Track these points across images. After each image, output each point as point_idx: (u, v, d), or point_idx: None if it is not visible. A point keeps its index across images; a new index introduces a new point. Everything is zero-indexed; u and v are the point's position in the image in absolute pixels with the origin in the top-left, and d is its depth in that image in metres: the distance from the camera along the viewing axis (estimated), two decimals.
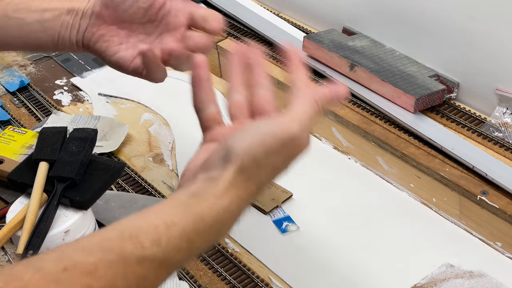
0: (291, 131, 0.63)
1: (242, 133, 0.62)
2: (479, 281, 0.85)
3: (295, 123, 0.64)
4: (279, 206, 0.98)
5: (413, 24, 1.11)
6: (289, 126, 0.63)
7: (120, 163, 0.99)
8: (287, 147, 0.64)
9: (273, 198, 0.98)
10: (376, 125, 1.03)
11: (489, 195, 0.89)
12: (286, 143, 0.63)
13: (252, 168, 0.62)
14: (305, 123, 0.64)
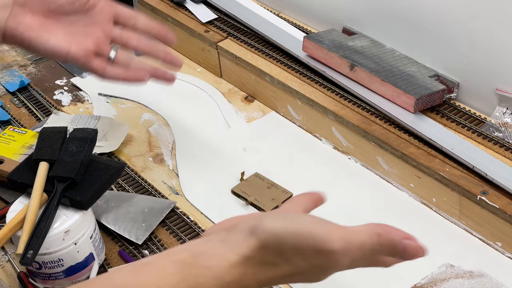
0: (331, 245, 0.55)
1: (281, 215, 0.58)
2: (479, 281, 0.85)
3: (341, 241, 0.56)
4: (279, 206, 0.98)
5: (413, 24, 1.11)
6: (333, 240, 0.56)
7: (120, 163, 0.99)
8: (318, 256, 0.56)
9: (273, 198, 0.98)
10: (376, 125, 1.03)
11: (489, 195, 0.89)
12: (320, 252, 0.56)
13: (273, 254, 0.55)
14: (351, 249, 0.57)
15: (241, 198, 0.99)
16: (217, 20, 1.31)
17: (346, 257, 0.56)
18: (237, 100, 1.21)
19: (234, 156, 1.09)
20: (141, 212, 0.96)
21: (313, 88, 1.12)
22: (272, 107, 1.19)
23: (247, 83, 1.22)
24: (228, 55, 1.23)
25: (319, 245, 0.55)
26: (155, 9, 1.37)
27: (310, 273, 0.57)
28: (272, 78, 1.15)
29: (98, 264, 0.88)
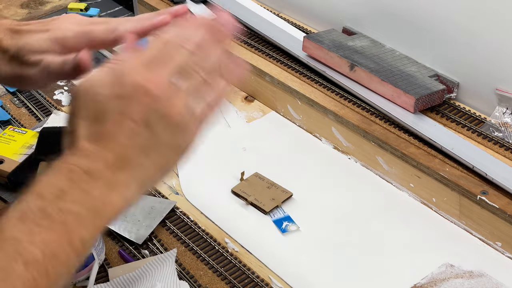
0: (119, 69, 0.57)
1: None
2: (479, 281, 0.85)
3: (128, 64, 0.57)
4: (279, 206, 0.98)
5: (413, 24, 1.11)
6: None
7: None
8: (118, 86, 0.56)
9: (273, 198, 0.98)
10: (376, 125, 1.03)
11: (489, 195, 0.89)
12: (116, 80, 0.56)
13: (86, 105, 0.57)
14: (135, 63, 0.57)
15: (241, 198, 0.99)
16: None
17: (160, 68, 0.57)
18: (237, 100, 1.21)
19: (234, 156, 1.09)
20: (141, 212, 0.96)
21: (313, 88, 1.12)
22: (272, 107, 1.19)
23: (247, 83, 1.22)
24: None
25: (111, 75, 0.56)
26: (155, 9, 1.37)
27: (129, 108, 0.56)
28: (272, 78, 1.15)
29: (98, 264, 0.88)
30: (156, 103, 0.55)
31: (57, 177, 0.55)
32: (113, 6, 1.51)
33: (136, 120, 0.55)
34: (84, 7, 1.45)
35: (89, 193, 0.54)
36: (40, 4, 1.52)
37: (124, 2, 1.51)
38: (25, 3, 1.52)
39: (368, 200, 1.00)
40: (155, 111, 0.55)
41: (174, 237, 0.93)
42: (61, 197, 0.53)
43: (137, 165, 0.56)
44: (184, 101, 0.57)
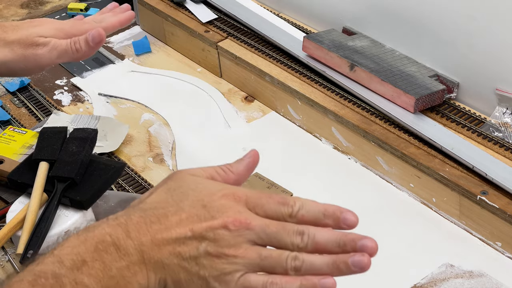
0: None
1: None
2: (479, 281, 0.85)
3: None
4: None
5: (413, 24, 1.11)
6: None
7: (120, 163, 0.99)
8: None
9: None
10: (376, 125, 1.03)
11: (489, 195, 0.89)
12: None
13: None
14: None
15: None
16: (217, 20, 1.31)
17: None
18: (237, 100, 1.21)
19: (234, 156, 1.08)
20: None
21: (313, 88, 1.12)
22: (272, 107, 1.19)
23: (247, 83, 1.22)
24: (228, 55, 1.23)
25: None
26: (155, 9, 1.37)
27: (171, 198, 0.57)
28: (272, 78, 1.15)
29: None
30: (222, 233, 0.55)
31: (86, 243, 0.53)
32: None
33: (194, 231, 0.55)
34: (84, 7, 1.45)
35: (108, 269, 0.53)
36: (40, 4, 1.52)
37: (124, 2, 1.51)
38: (25, 3, 1.52)
39: (368, 200, 1.00)
40: (214, 237, 0.55)
41: None
42: (80, 268, 0.52)
43: (165, 264, 0.55)
44: (248, 258, 0.55)
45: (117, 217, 0.56)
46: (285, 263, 0.55)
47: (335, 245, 0.57)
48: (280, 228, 0.56)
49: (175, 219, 0.55)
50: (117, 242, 0.54)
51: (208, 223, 0.55)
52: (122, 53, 1.36)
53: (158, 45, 1.38)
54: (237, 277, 0.55)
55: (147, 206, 0.57)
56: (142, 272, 0.54)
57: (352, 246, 0.57)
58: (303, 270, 0.56)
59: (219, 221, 0.55)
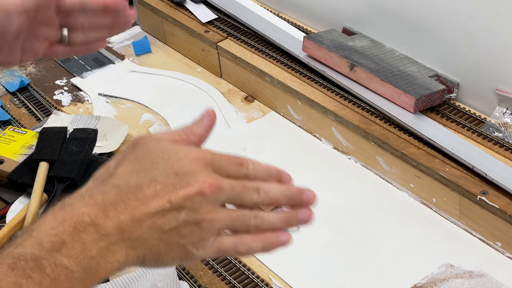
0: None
1: None
2: (479, 281, 0.85)
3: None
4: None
5: (413, 24, 1.11)
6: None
7: None
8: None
9: None
10: (376, 125, 1.03)
11: (489, 195, 0.89)
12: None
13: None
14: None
15: None
16: (217, 20, 1.31)
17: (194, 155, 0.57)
18: (237, 100, 1.21)
19: None
20: None
21: (313, 88, 1.12)
22: (272, 107, 1.19)
23: (247, 83, 1.22)
24: (228, 55, 1.23)
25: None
26: (155, 9, 1.37)
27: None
28: (272, 78, 1.15)
29: None
30: (199, 200, 0.56)
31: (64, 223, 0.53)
32: None
33: (172, 202, 0.55)
34: None
35: (88, 250, 0.52)
36: None
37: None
38: None
39: (368, 200, 1.00)
40: (192, 205, 0.56)
41: None
42: (59, 250, 0.52)
43: (145, 240, 0.55)
44: (223, 221, 0.57)
45: (92, 195, 0.56)
46: (249, 222, 0.58)
47: (285, 198, 0.61)
48: (242, 187, 0.59)
49: (151, 192, 0.55)
50: (96, 222, 0.53)
51: (185, 192, 0.55)
52: (122, 53, 1.36)
53: (158, 45, 1.38)
54: (212, 241, 0.57)
55: (119, 181, 0.56)
56: (122, 251, 0.54)
57: (298, 198, 0.62)
58: (263, 228, 0.60)
59: (195, 188, 0.56)
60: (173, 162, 0.57)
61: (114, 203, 0.55)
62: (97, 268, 0.53)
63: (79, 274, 0.52)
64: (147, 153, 0.58)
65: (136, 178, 0.56)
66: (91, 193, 0.56)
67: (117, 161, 0.59)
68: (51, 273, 0.51)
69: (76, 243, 0.52)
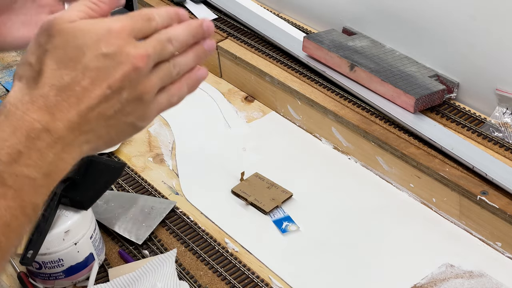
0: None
1: None
2: (479, 281, 0.85)
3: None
4: (279, 206, 0.98)
5: (413, 24, 1.11)
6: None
7: (120, 163, 0.99)
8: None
9: (273, 198, 0.98)
10: (376, 125, 1.03)
11: (489, 195, 0.89)
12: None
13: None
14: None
15: (241, 198, 0.99)
16: (217, 20, 1.31)
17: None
18: (237, 100, 1.21)
19: (234, 156, 1.09)
20: (141, 212, 0.96)
21: (313, 88, 1.12)
22: (272, 107, 1.19)
23: (247, 83, 1.22)
24: (228, 55, 1.23)
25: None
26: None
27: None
28: (272, 78, 1.15)
29: (98, 264, 0.88)
30: (136, 76, 0.55)
31: (16, 133, 0.53)
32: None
33: (112, 86, 0.55)
34: None
35: (45, 156, 0.53)
36: None
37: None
38: None
39: (368, 200, 1.00)
40: (131, 83, 0.55)
41: (174, 237, 0.93)
42: (17, 160, 0.52)
43: (95, 130, 0.55)
44: (157, 85, 0.58)
45: (33, 99, 0.55)
46: (172, 73, 0.59)
47: (191, 38, 0.61)
48: (160, 44, 0.58)
49: (87, 83, 0.54)
50: (47, 128, 0.53)
51: (121, 72, 0.55)
52: None
53: None
54: (153, 107, 0.58)
55: (53, 80, 0.55)
56: (76, 149, 0.55)
57: (200, 32, 0.62)
58: (182, 72, 0.61)
59: (129, 66, 0.55)
60: (98, 43, 0.55)
61: (58, 104, 0.54)
62: (56, 171, 0.54)
63: (41, 181, 0.53)
64: (67, 40, 0.55)
65: (67, 72, 0.55)
66: (30, 97, 0.55)
67: (38, 55, 0.56)
68: (13, 184, 0.51)
69: (32, 151, 0.53)
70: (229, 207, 0.99)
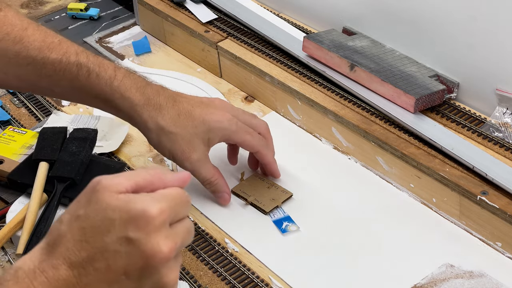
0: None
1: None
2: (479, 281, 0.85)
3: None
4: (279, 206, 0.98)
5: (413, 24, 1.11)
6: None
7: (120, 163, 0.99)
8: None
9: (273, 198, 0.98)
10: (376, 125, 1.03)
11: (489, 195, 0.89)
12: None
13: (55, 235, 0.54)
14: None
15: (241, 198, 0.99)
16: (217, 20, 1.31)
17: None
18: (237, 100, 1.21)
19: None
20: None
21: (313, 88, 1.12)
22: (272, 107, 1.19)
23: (247, 83, 1.22)
24: (228, 55, 1.23)
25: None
26: (155, 9, 1.37)
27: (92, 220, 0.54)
28: (272, 78, 1.15)
29: None
30: (158, 268, 0.54)
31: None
32: (113, 6, 1.51)
33: (129, 274, 0.53)
34: (84, 7, 1.45)
35: None
36: (40, 4, 1.52)
37: (124, 2, 1.51)
38: (25, 3, 1.52)
39: (368, 200, 1.00)
40: (151, 274, 0.54)
41: None
42: None
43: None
44: (177, 276, 0.57)
45: (43, 269, 0.53)
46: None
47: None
48: (189, 235, 0.58)
49: (103, 265, 0.53)
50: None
51: (140, 263, 0.53)
52: (122, 53, 1.36)
53: (158, 45, 1.38)
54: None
55: (69, 254, 0.53)
56: None
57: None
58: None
59: (152, 258, 0.53)
60: (126, 224, 0.53)
61: (67, 279, 0.53)
62: None
63: None
64: (99, 211, 0.54)
65: (87, 248, 0.53)
66: (42, 266, 0.54)
67: (71, 217, 0.55)
68: None
69: None
70: (229, 207, 0.99)
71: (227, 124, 0.93)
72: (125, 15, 1.47)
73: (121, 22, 1.45)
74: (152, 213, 0.53)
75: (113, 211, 0.53)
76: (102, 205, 0.54)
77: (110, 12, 1.48)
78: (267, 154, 0.98)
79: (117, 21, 1.45)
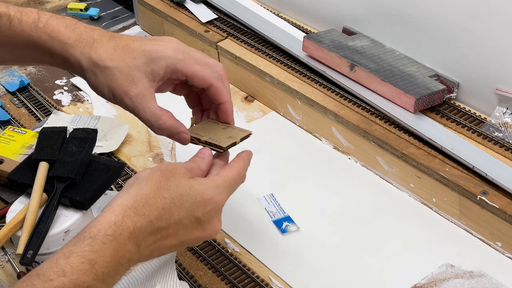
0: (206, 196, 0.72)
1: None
2: (479, 281, 0.85)
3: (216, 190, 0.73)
4: (237, 143, 0.85)
5: (413, 24, 1.11)
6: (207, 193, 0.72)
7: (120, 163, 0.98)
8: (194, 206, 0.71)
9: (230, 136, 0.85)
10: (376, 125, 1.03)
11: (489, 195, 0.89)
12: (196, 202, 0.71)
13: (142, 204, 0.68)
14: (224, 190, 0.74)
15: (193, 141, 0.85)
16: (217, 20, 1.31)
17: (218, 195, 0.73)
18: (237, 100, 1.21)
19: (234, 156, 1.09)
20: None
21: (313, 88, 1.12)
22: (272, 107, 1.19)
23: (247, 83, 1.22)
24: (228, 55, 1.23)
25: (195, 201, 0.71)
26: (155, 9, 1.37)
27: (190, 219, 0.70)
28: (272, 78, 1.15)
29: None
30: (203, 240, 0.74)
31: (114, 257, 0.65)
32: (113, 6, 1.51)
33: (184, 243, 0.71)
34: (84, 7, 1.45)
35: (119, 277, 0.66)
36: (40, 4, 1.52)
37: (124, 2, 1.51)
38: (25, 3, 1.52)
39: (368, 200, 1.00)
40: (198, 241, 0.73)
41: None
42: (104, 280, 0.64)
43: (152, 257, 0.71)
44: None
45: (135, 228, 0.67)
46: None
47: None
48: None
49: (171, 232, 0.69)
50: (131, 258, 0.67)
51: (199, 236, 0.71)
52: None
53: None
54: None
55: (154, 219, 0.68)
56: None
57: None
58: None
59: (206, 235, 0.72)
60: (197, 205, 0.70)
61: (146, 239, 0.67)
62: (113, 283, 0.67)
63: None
64: (179, 197, 0.69)
65: (166, 217, 0.68)
66: (134, 224, 0.67)
67: (158, 188, 0.69)
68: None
69: (117, 275, 0.66)
70: (229, 207, 0.99)
71: (171, 53, 0.80)
72: (125, 15, 1.47)
73: (121, 22, 1.45)
74: (217, 201, 0.72)
75: (189, 196, 0.70)
76: (182, 190, 0.70)
77: (110, 12, 1.49)
78: (222, 90, 0.82)
79: (117, 21, 1.45)
